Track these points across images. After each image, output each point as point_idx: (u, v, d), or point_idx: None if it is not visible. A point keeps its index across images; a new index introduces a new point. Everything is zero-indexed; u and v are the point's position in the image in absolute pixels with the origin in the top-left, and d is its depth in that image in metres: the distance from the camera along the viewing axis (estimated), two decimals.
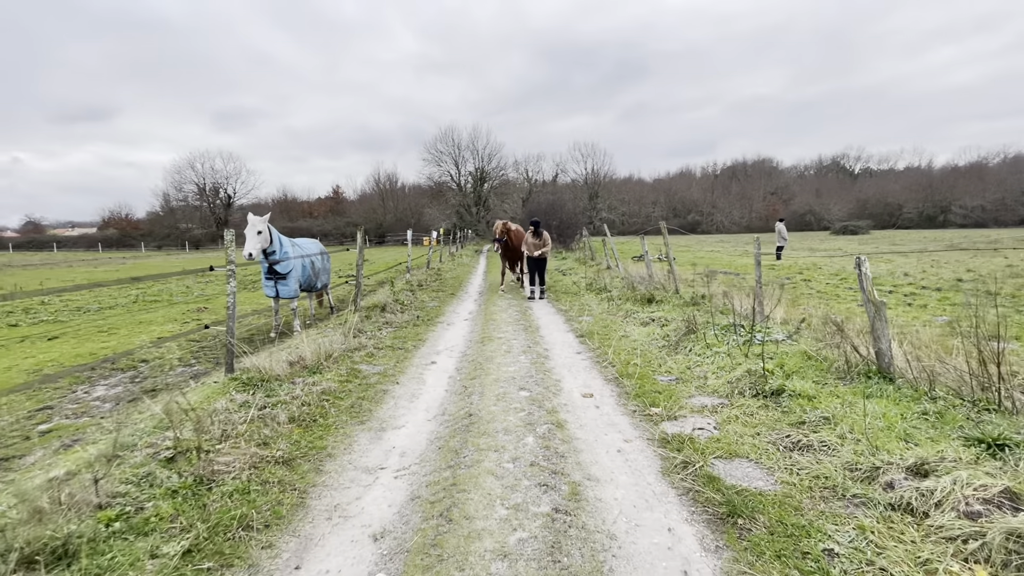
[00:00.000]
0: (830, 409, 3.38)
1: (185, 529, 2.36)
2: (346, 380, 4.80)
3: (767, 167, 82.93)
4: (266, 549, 2.31)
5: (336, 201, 76.88)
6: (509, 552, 2.22)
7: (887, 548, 2.10)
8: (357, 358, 5.59)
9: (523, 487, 2.77)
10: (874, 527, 2.24)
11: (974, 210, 67.95)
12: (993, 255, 19.70)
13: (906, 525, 2.23)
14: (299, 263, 7.24)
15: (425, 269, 16.77)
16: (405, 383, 4.83)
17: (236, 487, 2.73)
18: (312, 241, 8.48)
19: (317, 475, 3.00)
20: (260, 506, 2.60)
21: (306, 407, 3.95)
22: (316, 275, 8.02)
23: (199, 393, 4.32)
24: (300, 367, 4.97)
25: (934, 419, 3.17)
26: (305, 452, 3.26)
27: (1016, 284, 11.07)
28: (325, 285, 8.69)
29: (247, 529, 2.42)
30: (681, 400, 4.02)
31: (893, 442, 2.88)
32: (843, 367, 4.12)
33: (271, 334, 7.37)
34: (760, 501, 2.54)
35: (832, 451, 2.91)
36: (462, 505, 2.60)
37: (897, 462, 2.65)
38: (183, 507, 2.52)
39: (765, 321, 5.97)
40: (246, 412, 3.65)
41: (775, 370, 4.23)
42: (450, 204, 60.34)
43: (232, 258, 4.85)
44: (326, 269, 8.53)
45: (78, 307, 11.00)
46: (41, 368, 6.10)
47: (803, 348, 4.75)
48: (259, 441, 3.29)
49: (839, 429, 3.12)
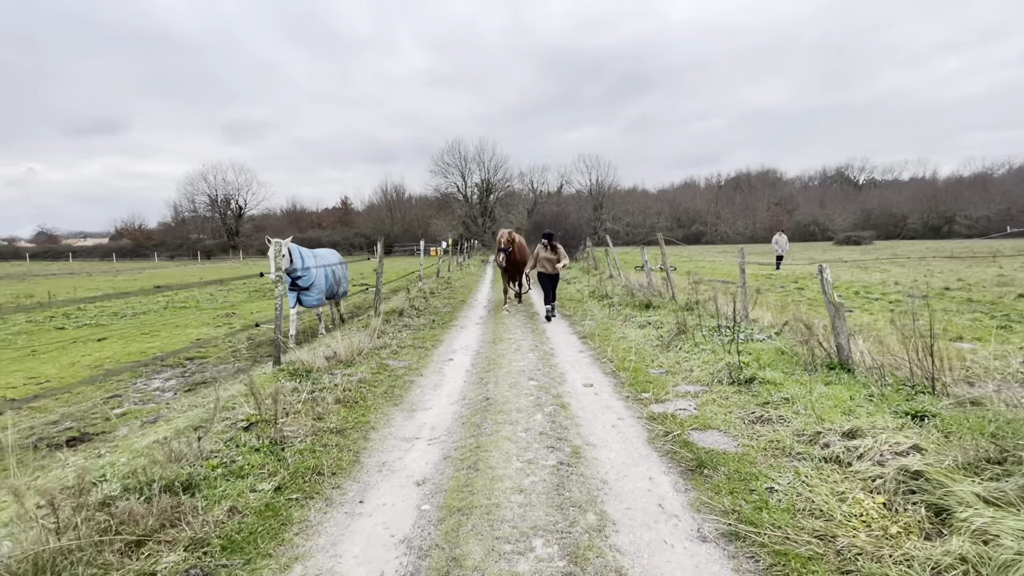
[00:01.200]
0: (791, 392, 4.02)
1: (272, 474, 3.04)
2: (377, 372, 5.48)
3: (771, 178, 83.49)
4: (335, 489, 2.98)
5: (344, 212, 78.16)
6: (524, 489, 2.88)
7: (815, 486, 2.74)
8: (384, 355, 6.28)
9: (533, 448, 3.43)
10: (808, 473, 2.88)
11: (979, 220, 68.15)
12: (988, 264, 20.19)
13: (832, 471, 2.87)
14: (321, 273, 7.68)
15: (435, 278, 17.49)
16: (428, 375, 5.50)
17: (303, 448, 3.42)
18: (331, 251, 8.93)
19: (365, 441, 3.67)
20: (325, 461, 3.27)
21: (347, 392, 4.63)
22: (337, 283, 8.52)
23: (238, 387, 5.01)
24: (335, 361, 5.66)
25: (877, 399, 3.80)
26: (352, 425, 3.94)
27: (999, 292, 11.65)
28: (345, 293, 9.15)
29: (319, 475, 3.09)
30: (668, 388, 4.67)
31: (837, 415, 3.52)
32: (809, 360, 4.76)
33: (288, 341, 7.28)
34: (723, 458, 3.18)
35: (787, 423, 3.56)
36: (485, 460, 3.26)
37: (836, 429, 3.29)
38: (267, 460, 3.20)
39: (748, 323, 6.61)
40: (299, 395, 4.34)
41: (751, 363, 4.87)
42: (456, 215, 61.31)
43: (278, 265, 5.57)
44: (345, 277, 9.01)
45: (114, 312, 11.78)
46: (101, 364, 6.83)
47: (778, 345, 5.40)
48: (314, 416, 3.97)
49: (795, 407, 3.76)
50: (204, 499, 2.66)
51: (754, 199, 76.04)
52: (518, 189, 65.66)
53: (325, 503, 2.82)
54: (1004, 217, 67.56)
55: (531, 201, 64.21)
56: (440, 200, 64.78)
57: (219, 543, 2.36)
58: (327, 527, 2.59)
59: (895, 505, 2.49)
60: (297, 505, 2.76)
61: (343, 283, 8.97)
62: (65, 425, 4.68)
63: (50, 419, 4.83)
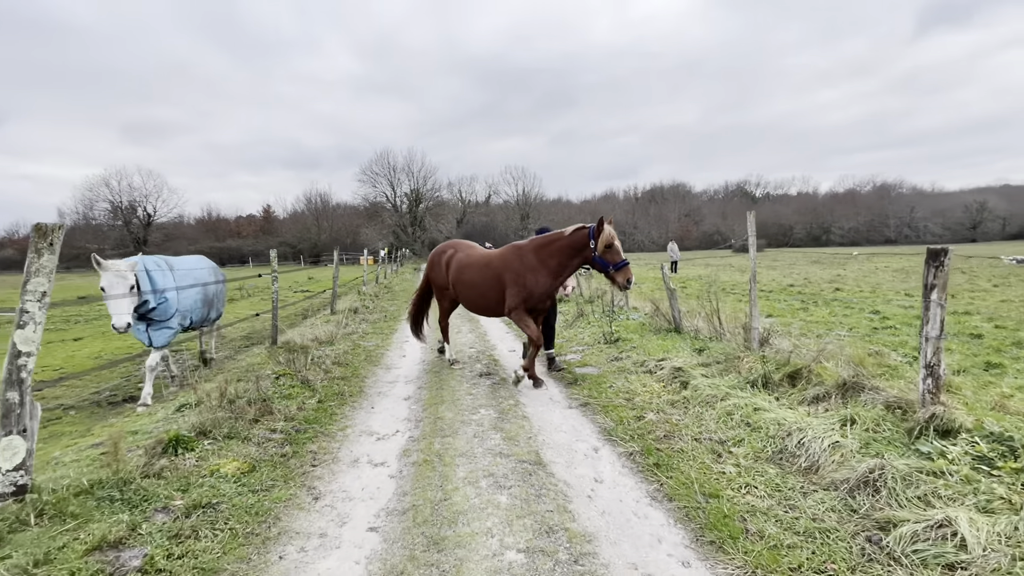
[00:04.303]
0: (638, 344, 6.33)
1: (311, 396, 4.79)
2: (353, 349, 7.21)
3: (682, 191, 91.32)
4: (354, 403, 4.79)
5: (266, 220, 75.60)
6: (473, 394, 4.88)
7: (632, 383, 4.95)
8: (354, 339, 7.98)
9: (476, 380, 5.42)
10: (631, 378, 5.10)
11: (849, 231, 79.31)
12: (838, 267, 24.90)
13: (645, 376, 5.11)
14: (191, 296, 5.75)
15: (375, 284, 18.95)
16: (393, 350, 7.32)
17: (324, 386, 5.17)
18: (199, 259, 6.62)
19: (363, 382, 5.48)
20: (343, 389, 5.06)
21: (338, 359, 6.36)
22: (209, 305, 6.34)
23: (256, 358, 6.57)
24: (318, 342, 7.30)
25: (688, 346, 6.18)
26: (351, 376, 5.71)
27: (826, 287, 15.24)
28: (218, 317, 6.94)
29: (341, 396, 4.89)
30: (566, 348, 6.85)
31: (659, 353, 5.83)
32: (657, 327, 7.14)
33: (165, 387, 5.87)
34: (590, 376, 5.35)
35: (629, 358, 5.82)
36: (448, 389, 5.20)
37: (655, 359, 5.58)
38: (303, 391, 4.93)
39: (630, 309, 9.04)
40: (305, 359, 6.01)
41: (621, 331, 7.18)
42: (386, 224, 61.79)
43: (275, 267, 7.16)
44: (220, 297, 6.77)
45: (66, 319, 12.26)
46: (99, 356, 7.92)
47: (642, 320, 7.79)
48: (323, 370, 5.70)
49: (638, 351, 6.05)
50: (278, 405, 4.38)
51: (667, 210, 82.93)
52: (447, 199, 67.34)
53: (351, 408, 4.63)
54: (869, 227, 79.24)
55: (460, 211, 66.12)
56: (369, 209, 64.92)
57: (301, 417, 4.14)
58: (358, 416, 4.42)
59: (666, 384, 4.76)
60: (335, 408, 4.56)
61: (217, 304, 6.65)
62: (109, 392, 6.00)
63: (93, 390, 6.11)
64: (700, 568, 2.23)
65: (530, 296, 5.05)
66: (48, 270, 2.80)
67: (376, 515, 2.75)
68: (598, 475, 3.17)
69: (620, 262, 4.74)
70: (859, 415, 3.33)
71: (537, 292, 5.04)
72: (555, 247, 5.00)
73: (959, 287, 14.14)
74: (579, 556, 2.30)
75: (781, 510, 2.59)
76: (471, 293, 5.64)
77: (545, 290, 5.06)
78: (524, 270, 5.08)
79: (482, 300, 5.56)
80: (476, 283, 5.53)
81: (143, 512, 2.63)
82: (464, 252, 5.92)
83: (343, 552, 2.42)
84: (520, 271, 5.09)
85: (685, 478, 2.99)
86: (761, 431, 3.41)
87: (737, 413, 3.73)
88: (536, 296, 5.06)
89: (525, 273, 5.07)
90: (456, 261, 5.85)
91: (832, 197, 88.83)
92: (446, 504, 2.80)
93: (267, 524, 2.64)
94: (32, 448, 2.73)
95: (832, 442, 2.99)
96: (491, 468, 3.24)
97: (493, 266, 5.37)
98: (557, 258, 4.99)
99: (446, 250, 6.16)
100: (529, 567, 2.23)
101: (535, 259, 5.06)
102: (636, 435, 3.71)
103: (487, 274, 5.41)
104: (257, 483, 3.06)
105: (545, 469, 3.23)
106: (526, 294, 5.04)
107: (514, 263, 5.15)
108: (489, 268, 5.40)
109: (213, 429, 3.67)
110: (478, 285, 5.51)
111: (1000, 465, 2.63)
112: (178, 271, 5.66)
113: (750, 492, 2.79)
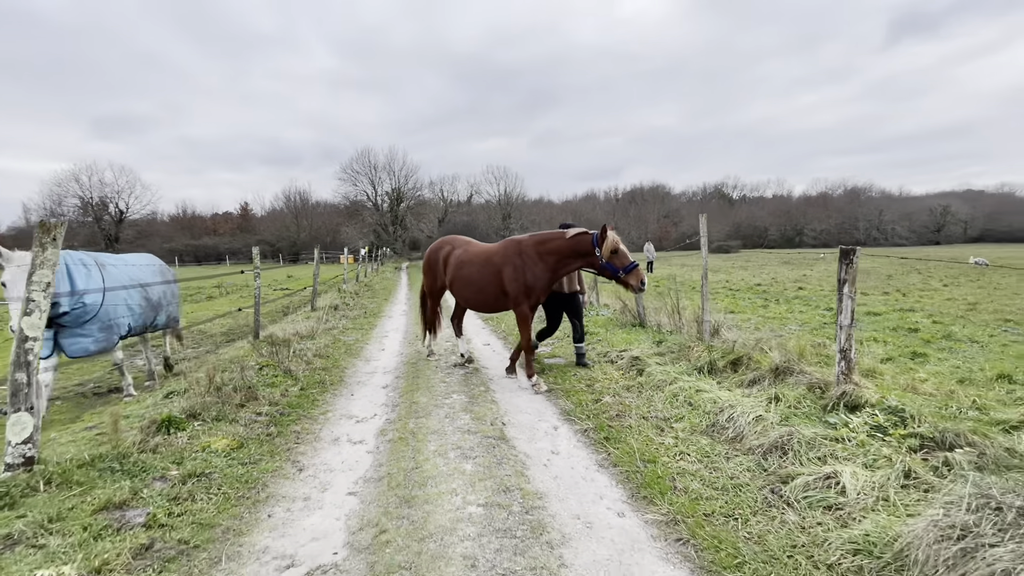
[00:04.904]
0: (604, 337, 6.75)
1: (294, 384, 5.09)
2: (334, 343, 7.49)
3: (661, 192, 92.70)
4: (335, 390, 5.09)
5: (244, 218, 74.49)
6: (447, 382, 5.23)
7: (594, 371, 5.36)
8: (334, 333, 8.25)
9: (451, 370, 5.77)
10: (598, 368, 5.51)
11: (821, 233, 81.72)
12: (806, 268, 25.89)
13: (607, 365, 5.53)
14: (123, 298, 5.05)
15: (356, 282, 19.10)
16: (372, 344, 7.61)
17: (306, 375, 5.46)
18: (144, 257, 5.99)
19: (343, 372, 5.78)
20: (324, 379, 5.36)
21: (319, 351, 6.64)
22: (156, 308, 5.69)
23: (239, 350, 6.81)
24: (300, 336, 7.56)
25: (649, 338, 6.63)
26: (332, 367, 6.01)
27: (791, 287, 15.96)
28: (172, 323, 6.27)
29: (323, 384, 5.19)
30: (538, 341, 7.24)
31: (622, 344, 6.26)
32: (623, 322, 7.59)
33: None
34: (557, 366, 5.75)
35: (595, 349, 6.24)
36: (423, 378, 5.54)
37: (617, 350, 6.01)
38: (286, 379, 5.22)
39: (600, 306, 9.48)
40: (288, 351, 6.29)
41: (588, 326, 7.60)
42: (367, 223, 61.44)
43: (258, 264, 7.39)
44: (170, 299, 6.08)
45: None
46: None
47: (609, 317, 8.24)
48: (305, 361, 5.98)
49: (603, 344, 6.47)
50: (262, 392, 4.67)
51: (646, 211, 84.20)
52: (429, 198, 67.26)
53: (332, 395, 4.94)
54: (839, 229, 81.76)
55: (442, 210, 66.16)
56: (350, 208, 64.47)
57: (285, 403, 4.44)
58: (338, 402, 4.74)
59: (625, 371, 5.19)
60: (317, 395, 4.87)
61: (167, 308, 5.99)
62: (93, 384, 6.18)
63: (76, 382, 6.28)
64: (632, 517, 2.63)
65: (530, 290, 5.15)
66: (52, 263, 3.08)
67: (355, 482, 3.08)
68: (555, 448, 3.56)
69: (629, 265, 4.82)
70: (784, 394, 3.79)
71: (537, 287, 5.15)
72: (553, 245, 5.07)
73: (912, 286, 15.01)
74: (530, 508, 2.68)
75: (706, 471, 3.01)
76: (469, 289, 5.60)
77: (544, 285, 5.16)
78: (524, 265, 5.16)
79: (480, 295, 5.54)
80: (475, 279, 5.52)
81: (142, 480, 2.92)
82: (462, 248, 5.88)
83: (325, 511, 2.76)
84: (520, 266, 5.17)
85: (629, 449, 3.40)
86: (699, 409, 3.85)
87: (682, 395, 4.17)
88: (536, 290, 5.16)
89: (525, 268, 5.15)
90: (454, 258, 5.81)
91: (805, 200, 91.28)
92: (417, 472, 3.16)
93: (256, 490, 2.97)
94: (39, 424, 3.00)
95: (756, 416, 3.44)
96: (459, 443, 3.61)
97: (494, 262, 5.38)
98: (556, 256, 5.06)
99: (443, 247, 6.09)
100: (487, 516, 2.60)
101: (534, 253, 5.14)
102: (592, 415, 4.12)
103: (487, 270, 5.40)
104: (246, 457, 3.37)
105: (508, 443, 3.60)
106: (526, 289, 5.15)
107: (514, 258, 5.22)
108: (489, 264, 5.41)
109: (202, 412, 3.95)
110: (476, 281, 5.50)
111: (891, 432, 3.09)
112: (111, 270, 5.04)
113: (683, 458, 3.21)
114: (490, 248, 5.66)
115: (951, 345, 6.63)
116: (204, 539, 2.45)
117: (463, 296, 5.77)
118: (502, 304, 5.43)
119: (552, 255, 5.08)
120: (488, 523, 2.55)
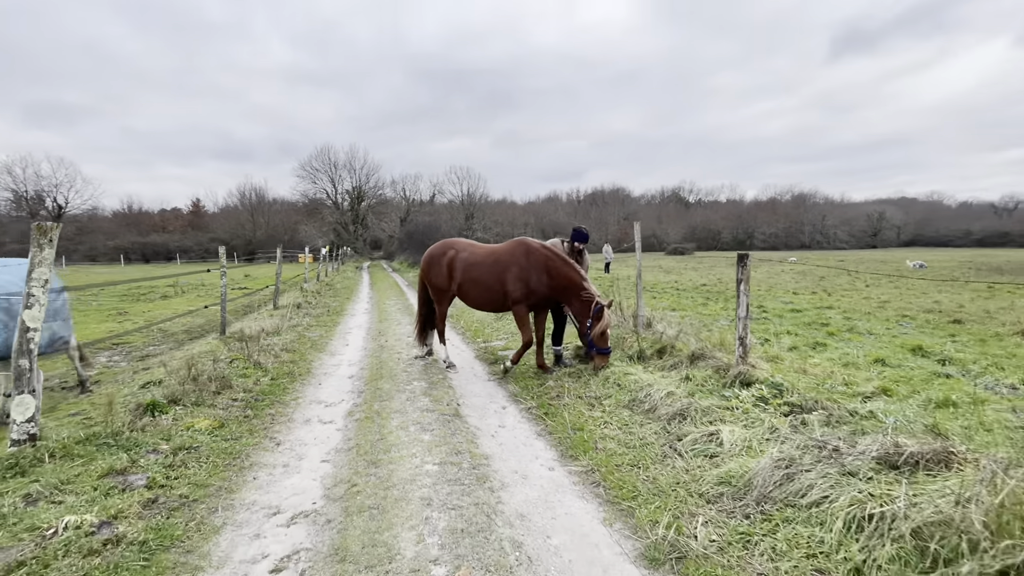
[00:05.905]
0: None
1: (264, 375, 5.48)
2: (299, 339, 7.84)
3: (621, 195, 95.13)
4: (304, 380, 5.52)
5: (196, 215, 71.73)
6: (408, 371, 5.74)
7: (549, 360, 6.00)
8: (299, 330, 8.58)
9: (413, 362, 6.29)
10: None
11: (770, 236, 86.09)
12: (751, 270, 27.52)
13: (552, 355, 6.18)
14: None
15: (317, 281, 19.17)
16: (336, 340, 8.01)
17: (275, 368, 5.86)
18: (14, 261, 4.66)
19: (310, 364, 6.20)
20: (293, 370, 5.77)
21: (286, 346, 7.01)
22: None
23: (208, 345, 7.09)
24: (266, 332, 7.87)
25: None
26: (299, 360, 6.41)
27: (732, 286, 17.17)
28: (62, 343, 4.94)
29: (291, 375, 5.61)
30: (493, 336, 7.84)
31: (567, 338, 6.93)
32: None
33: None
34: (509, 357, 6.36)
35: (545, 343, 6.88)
36: (387, 368, 6.04)
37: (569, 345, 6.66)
38: (257, 371, 5.61)
39: None
40: (255, 345, 6.63)
41: None
42: (327, 221, 60.52)
43: (224, 263, 7.66)
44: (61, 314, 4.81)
45: None
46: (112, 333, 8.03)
47: None
48: (273, 355, 6.36)
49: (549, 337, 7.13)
50: (236, 381, 5.06)
51: (607, 213, 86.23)
52: (390, 197, 66.88)
53: (301, 384, 5.38)
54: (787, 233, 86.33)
55: (404, 209, 65.85)
56: (309, 206, 63.27)
57: (258, 391, 4.86)
58: (307, 389, 5.18)
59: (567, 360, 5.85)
60: (287, 384, 5.29)
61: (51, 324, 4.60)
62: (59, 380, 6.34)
63: None
64: (560, 470, 3.26)
65: (532, 293, 5.24)
66: (48, 261, 3.44)
67: (327, 453, 3.59)
68: (502, 423, 4.16)
69: (604, 348, 5.08)
70: (694, 375, 4.53)
71: (538, 292, 5.25)
72: (562, 271, 5.16)
73: (839, 287, 16.48)
74: (477, 466, 3.27)
75: (623, 435, 3.68)
76: (478, 290, 5.67)
77: (544, 294, 5.27)
78: (530, 267, 5.23)
79: (487, 294, 5.62)
80: (483, 280, 5.57)
81: (137, 453, 3.34)
82: (468, 251, 5.88)
83: (303, 475, 3.25)
84: (526, 267, 5.25)
85: (564, 421, 4.04)
86: (625, 389, 4.54)
87: (612, 378, 4.85)
88: (536, 295, 5.27)
89: (530, 270, 5.24)
90: (461, 261, 5.79)
91: (756, 204, 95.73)
92: (382, 442, 3.69)
93: (240, 460, 3.43)
94: (39, 405, 3.36)
95: (668, 392, 4.14)
96: (419, 419, 4.16)
97: (501, 261, 5.48)
98: (558, 280, 5.17)
99: (446, 251, 6.01)
100: (441, 471, 3.18)
101: (543, 259, 5.23)
102: (536, 396, 4.75)
103: (495, 270, 5.47)
104: (228, 434, 3.81)
105: (462, 419, 4.18)
106: (527, 292, 5.26)
107: (521, 259, 5.31)
108: (497, 264, 5.49)
109: (182, 398, 4.34)
110: (484, 281, 5.55)
111: (771, 402, 3.85)
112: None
113: (606, 427, 3.87)
114: (496, 248, 5.80)
115: (851, 337, 7.64)
116: (201, 495, 2.91)
117: (473, 298, 5.84)
118: (508, 303, 5.54)
119: (556, 279, 5.19)
120: (442, 476, 3.13)
